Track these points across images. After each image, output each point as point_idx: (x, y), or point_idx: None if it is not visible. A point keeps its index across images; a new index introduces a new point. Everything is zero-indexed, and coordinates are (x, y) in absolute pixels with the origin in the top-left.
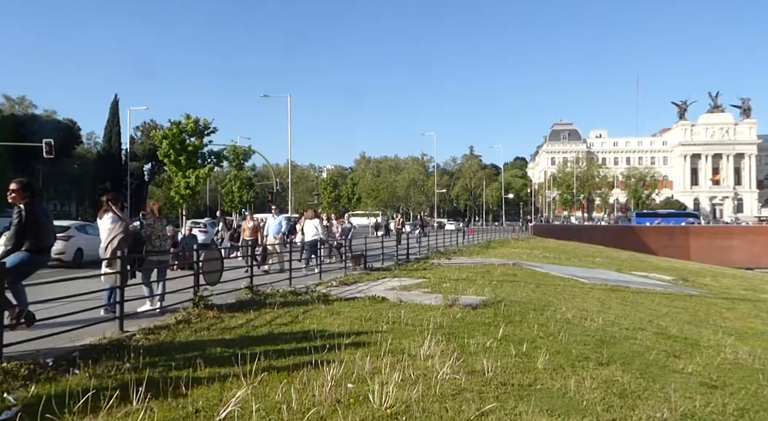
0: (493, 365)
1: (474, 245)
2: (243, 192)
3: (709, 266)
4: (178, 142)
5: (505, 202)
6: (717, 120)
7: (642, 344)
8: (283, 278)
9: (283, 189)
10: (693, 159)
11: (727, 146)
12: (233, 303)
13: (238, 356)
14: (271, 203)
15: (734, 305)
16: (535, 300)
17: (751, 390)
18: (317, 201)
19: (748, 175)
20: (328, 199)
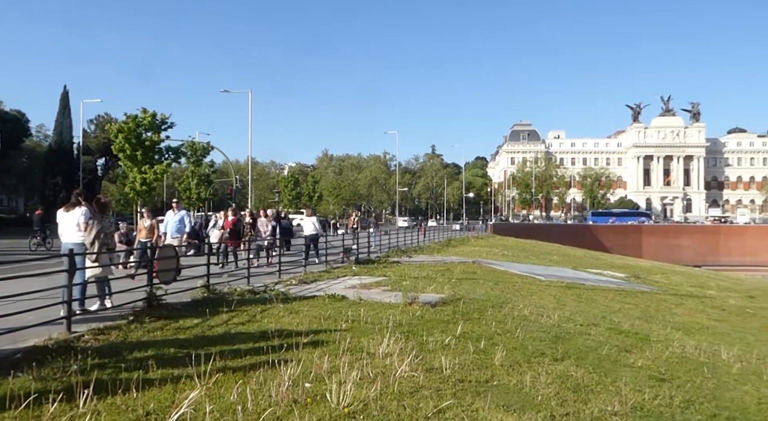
0: (452, 363)
1: (435, 243)
2: (201, 189)
3: (660, 264)
4: (134, 137)
5: (466, 201)
6: (668, 123)
7: (595, 340)
8: (242, 277)
9: (243, 186)
10: (646, 160)
11: (677, 149)
12: (189, 302)
13: (192, 356)
14: (230, 199)
15: (682, 301)
16: (493, 297)
17: (697, 382)
18: (278, 199)
19: (697, 176)
20: (288, 197)
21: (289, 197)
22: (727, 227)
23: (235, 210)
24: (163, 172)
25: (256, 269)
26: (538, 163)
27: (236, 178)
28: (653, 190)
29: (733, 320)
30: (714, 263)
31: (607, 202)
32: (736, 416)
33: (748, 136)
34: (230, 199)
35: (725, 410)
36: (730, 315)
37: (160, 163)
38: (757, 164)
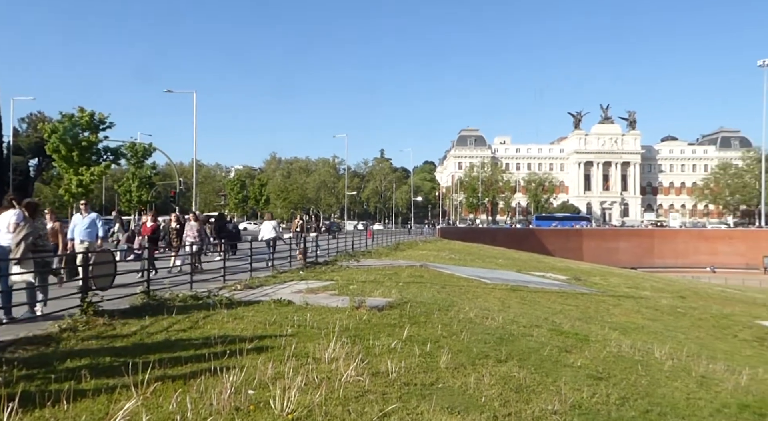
0: (398, 366)
1: (383, 246)
2: (142, 191)
3: (599, 266)
4: (70, 137)
5: (414, 205)
6: (607, 131)
7: (538, 341)
8: (184, 282)
9: (188, 189)
10: (586, 166)
11: (615, 155)
12: (127, 309)
13: (129, 365)
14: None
15: (620, 301)
16: (440, 301)
17: (631, 380)
18: (224, 202)
19: (633, 182)
20: (234, 201)
21: (235, 201)
22: (660, 231)
23: (155, 215)
24: (101, 174)
25: (185, 276)
26: (485, 168)
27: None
28: (593, 195)
29: (666, 319)
30: (649, 265)
31: (550, 206)
32: (667, 412)
33: (679, 144)
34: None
35: (657, 406)
36: (663, 315)
37: (98, 165)
38: (687, 171)
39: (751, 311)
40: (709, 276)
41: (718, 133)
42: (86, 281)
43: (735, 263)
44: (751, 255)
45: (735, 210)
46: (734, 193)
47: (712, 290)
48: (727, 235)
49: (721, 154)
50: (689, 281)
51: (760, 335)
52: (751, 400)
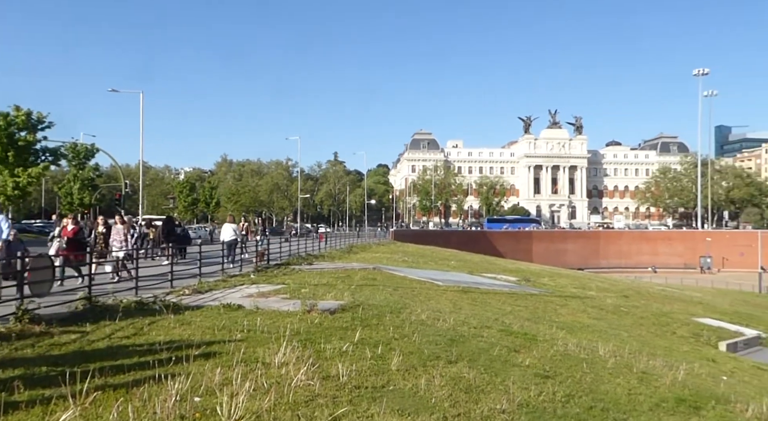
0: (349, 369)
1: (336, 249)
2: (84, 194)
3: (548, 268)
4: (5, 137)
5: (368, 208)
6: (555, 135)
7: (488, 341)
8: (129, 287)
9: (134, 192)
10: (536, 170)
11: (563, 159)
12: (67, 316)
13: (67, 374)
14: (118, 205)
15: (567, 302)
16: (392, 303)
17: (577, 378)
18: (172, 205)
19: (581, 185)
20: (184, 204)
21: (184, 203)
22: (606, 233)
23: (76, 217)
24: (39, 176)
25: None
26: (438, 172)
27: (126, 183)
28: (542, 198)
29: (610, 318)
30: (595, 265)
31: (502, 209)
32: (610, 407)
33: (622, 149)
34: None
35: (600, 402)
36: (608, 314)
37: (36, 166)
38: (630, 175)
39: (689, 309)
40: (651, 276)
41: (659, 138)
42: (21, 287)
43: (674, 263)
44: (689, 255)
45: (674, 212)
46: (673, 196)
47: (653, 290)
48: (667, 236)
49: (661, 158)
50: (632, 281)
51: (696, 332)
52: (688, 394)
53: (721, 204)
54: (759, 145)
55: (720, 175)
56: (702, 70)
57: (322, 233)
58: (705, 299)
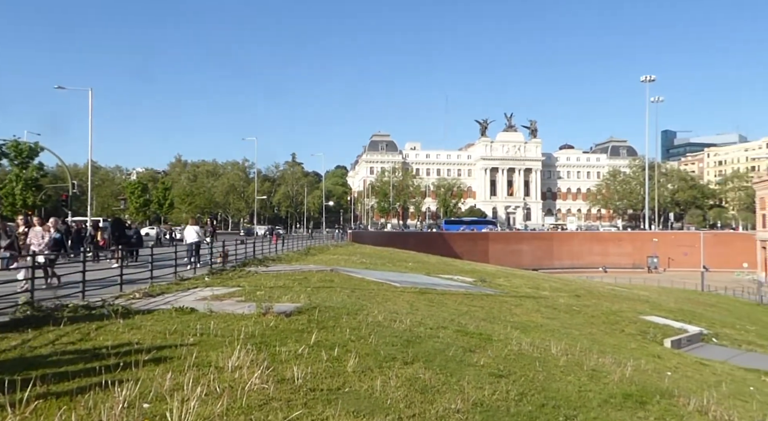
0: (304, 372)
1: (294, 251)
2: (27, 194)
3: (503, 268)
4: None
5: (326, 210)
6: (511, 138)
7: (444, 342)
8: (76, 291)
9: (83, 192)
10: (492, 172)
11: (518, 162)
12: (6, 322)
13: (5, 382)
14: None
15: (521, 302)
16: (349, 305)
17: (530, 376)
18: (123, 206)
19: (535, 187)
20: (135, 205)
21: (136, 205)
22: (559, 234)
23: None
24: None
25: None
26: (396, 173)
27: (73, 183)
28: (498, 200)
29: (563, 317)
30: (548, 266)
31: (459, 211)
32: (561, 404)
33: (575, 152)
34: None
35: (552, 399)
36: (560, 313)
37: None
38: (583, 177)
39: (636, 307)
40: (601, 276)
41: (609, 142)
42: None
43: (623, 263)
44: (637, 256)
45: (623, 214)
46: (622, 198)
47: (604, 289)
48: (617, 237)
49: (611, 161)
50: (584, 281)
51: (643, 329)
52: (634, 389)
53: (667, 206)
54: (701, 149)
55: (666, 178)
56: (649, 76)
57: (276, 234)
58: (652, 297)
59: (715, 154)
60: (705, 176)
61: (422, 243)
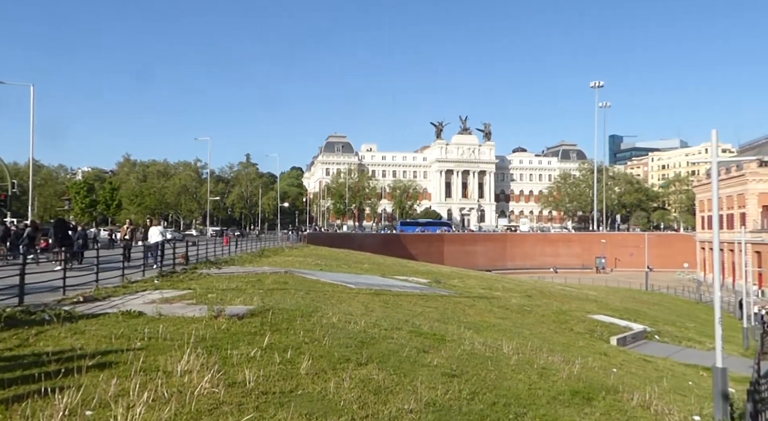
0: (256, 375)
1: (247, 253)
2: None
3: (458, 269)
4: None
5: (281, 211)
6: (465, 141)
7: (398, 343)
8: (12, 295)
9: (23, 192)
10: (447, 174)
11: (473, 164)
12: None
13: None
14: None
15: (475, 302)
16: (303, 307)
17: (482, 376)
18: (67, 207)
19: (489, 190)
20: (81, 205)
21: (81, 205)
22: (512, 236)
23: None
24: None
25: None
26: (352, 175)
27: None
28: (453, 202)
29: (515, 317)
30: (502, 267)
31: (414, 212)
32: (512, 402)
33: (527, 155)
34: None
35: (503, 397)
36: (512, 313)
37: None
38: (535, 180)
39: (585, 306)
40: (552, 276)
41: (560, 146)
42: None
43: (573, 263)
44: (586, 256)
45: (573, 216)
46: (572, 201)
47: (554, 289)
48: (567, 238)
49: (561, 165)
50: (535, 281)
51: (591, 328)
52: (582, 386)
53: (614, 208)
54: (646, 154)
55: (613, 182)
56: (597, 82)
57: (227, 236)
58: (599, 297)
59: (658, 158)
60: (649, 180)
61: (378, 245)
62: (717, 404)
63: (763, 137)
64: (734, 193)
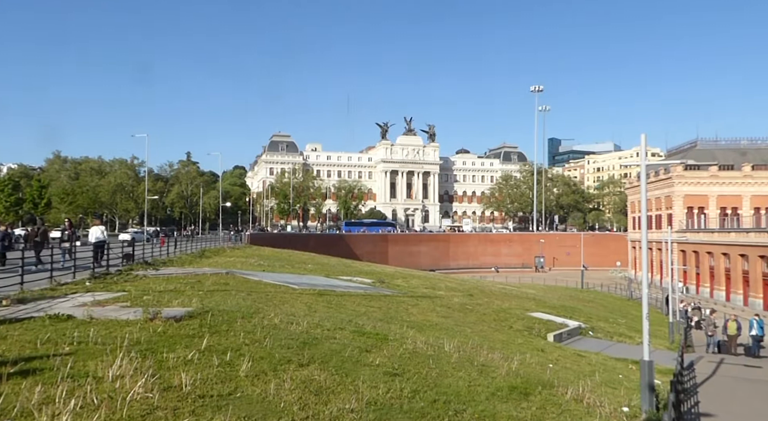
0: (193, 378)
1: (187, 254)
2: None
3: (402, 269)
4: None
5: (223, 211)
6: (410, 142)
7: (340, 343)
8: None
9: None
10: (392, 175)
11: (417, 165)
12: None
13: None
14: None
15: (418, 302)
16: (244, 308)
17: (423, 374)
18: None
19: (433, 190)
20: (5, 204)
21: (5, 204)
22: (455, 236)
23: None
24: None
25: None
26: (296, 175)
27: None
28: (398, 202)
29: (456, 316)
30: (445, 266)
31: (359, 213)
32: (452, 399)
33: (470, 157)
34: None
35: (444, 395)
36: (454, 312)
37: None
38: (477, 181)
39: (524, 304)
40: (494, 275)
41: (501, 148)
42: None
43: (514, 263)
44: (526, 256)
45: (514, 216)
46: (513, 202)
47: (495, 288)
48: (508, 238)
49: (503, 166)
50: (477, 281)
51: (529, 325)
52: (519, 382)
53: (553, 209)
54: (583, 156)
55: (552, 183)
56: (537, 87)
57: (163, 236)
58: (538, 295)
59: (594, 161)
60: (585, 182)
61: (323, 245)
62: (644, 395)
63: (689, 142)
64: (662, 195)
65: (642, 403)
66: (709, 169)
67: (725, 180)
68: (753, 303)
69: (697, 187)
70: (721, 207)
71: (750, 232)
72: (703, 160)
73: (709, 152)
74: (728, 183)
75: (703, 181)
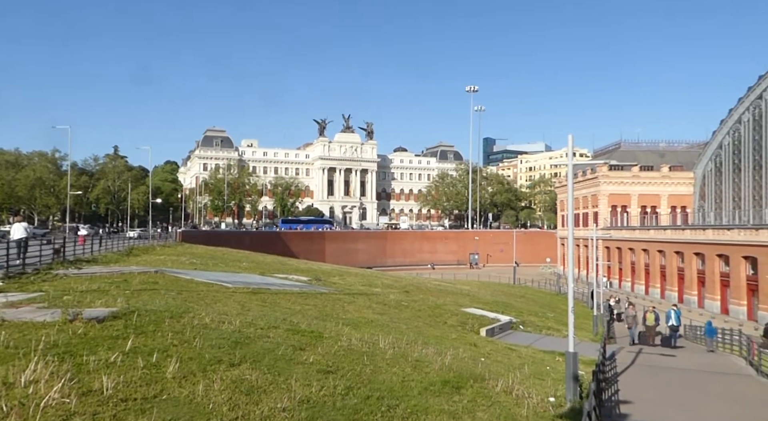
0: (115, 382)
1: (114, 252)
2: None
3: (339, 267)
4: None
5: (154, 207)
6: (348, 139)
7: (274, 341)
8: None
9: None
10: (330, 172)
11: (355, 162)
12: None
13: None
14: None
15: (354, 299)
16: (173, 308)
17: (357, 370)
18: None
19: (371, 188)
20: None
21: None
22: (392, 233)
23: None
24: None
25: None
26: (231, 171)
27: None
28: (336, 200)
29: (392, 312)
30: (382, 264)
31: (296, 210)
32: (385, 395)
33: (408, 155)
34: None
35: (377, 391)
36: (390, 308)
37: None
38: (414, 179)
39: (458, 300)
40: (430, 272)
41: (438, 147)
42: None
43: (449, 259)
44: (461, 253)
45: (450, 214)
46: (449, 200)
47: (431, 285)
48: (444, 236)
49: (440, 165)
50: (414, 277)
51: (463, 321)
52: (452, 376)
53: (487, 207)
54: (515, 156)
55: (486, 182)
56: (473, 87)
57: (82, 235)
58: (472, 291)
59: (526, 160)
60: (518, 181)
61: (258, 243)
62: (569, 386)
63: (613, 143)
64: (589, 194)
65: (567, 393)
66: (632, 170)
67: (646, 180)
68: (669, 296)
69: (620, 186)
70: (642, 205)
71: (667, 229)
72: (627, 161)
73: (631, 153)
74: (648, 183)
75: (626, 181)
